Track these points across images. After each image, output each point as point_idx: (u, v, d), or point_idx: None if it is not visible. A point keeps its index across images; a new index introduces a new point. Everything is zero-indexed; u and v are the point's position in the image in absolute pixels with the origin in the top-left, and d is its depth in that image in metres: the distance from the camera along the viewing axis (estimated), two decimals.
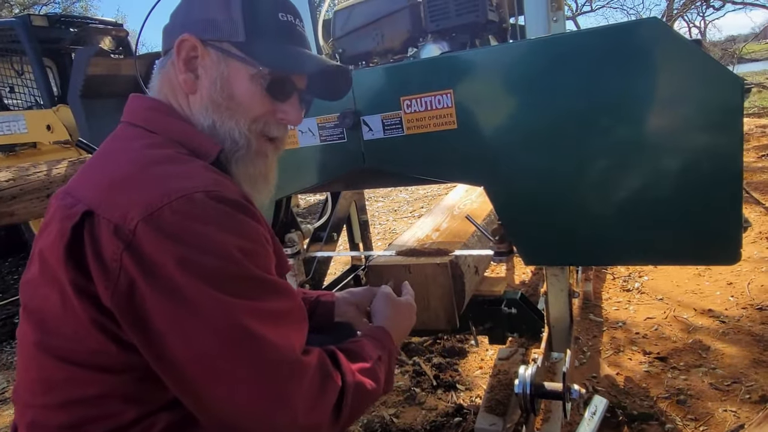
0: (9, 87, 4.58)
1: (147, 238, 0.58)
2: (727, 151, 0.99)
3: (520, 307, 1.58)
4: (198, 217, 0.60)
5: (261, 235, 0.66)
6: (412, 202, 5.41)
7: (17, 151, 4.47)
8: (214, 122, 0.75)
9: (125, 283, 0.59)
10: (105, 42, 4.58)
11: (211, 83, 0.74)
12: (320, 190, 1.78)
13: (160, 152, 0.69)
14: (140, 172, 0.65)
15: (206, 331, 0.60)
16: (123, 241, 0.59)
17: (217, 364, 0.60)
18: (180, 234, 0.59)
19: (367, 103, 1.27)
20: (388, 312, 0.97)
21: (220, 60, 0.74)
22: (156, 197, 0.60)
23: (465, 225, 1.71)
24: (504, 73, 1.13)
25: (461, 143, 1.19)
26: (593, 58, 1.04)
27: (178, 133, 0.74)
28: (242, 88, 0.75)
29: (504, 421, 1.27)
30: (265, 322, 0.63)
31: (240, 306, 0.61)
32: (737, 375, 1.77)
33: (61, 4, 15.93)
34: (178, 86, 0.76)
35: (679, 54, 0.98)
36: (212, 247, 0.60)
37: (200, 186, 0.62)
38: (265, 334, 0.62)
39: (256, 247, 0.65)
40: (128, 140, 0.73)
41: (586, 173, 1.10)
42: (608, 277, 2.75)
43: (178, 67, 0.75)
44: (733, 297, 2.33)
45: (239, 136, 0.76)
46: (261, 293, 0.64)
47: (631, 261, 1.32)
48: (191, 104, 0.76)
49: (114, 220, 0.60)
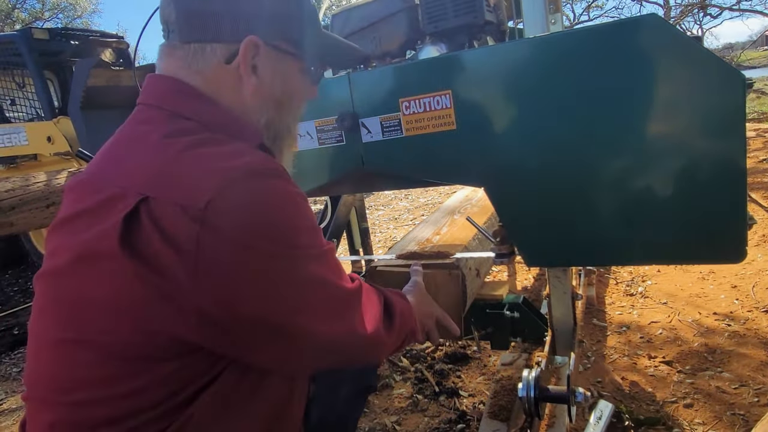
0: (10, 99, 4.60)
1: (221, 216, 0.59)
2: (730, 147, 0.98)
3: (523, 311, 1.56)
4: (257, 191, 0.62)
5: (308, 207, 0.70)
6: (413, 210, 5.40)
7: (18, 163, 4.49)
8: (272, 118, 0.78)
9: (208, 260, 0.59)
10: (106, 54, 4.61)
11: (270, 81, 0.76)
12: (319, 194, 1.77)
13: (198, 137, 0.68)
14: (190, 154, 0.65)
15: (289, 287, 0.65)
16: (196, 221, 0.59)
17: (300, 313, 0.66)
18: (249, 207, 0.61)
19: (366, 105, 1.26)
20: (415, 294, 1.04)
21: (275, 57, 0.76)
22: (219, 174, 0.61)
23: (466, 228, 1.69)
24: (503, 72, 1.12)
25: (461, 144, 1.18)
26: (593, 56, 1.03)
27: (214, 117, 0.72)
28: (296, 83, 0.79)
29: (508, 426, 1.25)
30: (327, 264, 0.71)
31: (310, 259, 0.67)
32: (744, 378, 1.75)
33: (62, 20, 16.08)
34: (233, 84, 0.75)
35: (680, 50, 0.97)
36: (278, 216, 0.64)
37: (256, 161, 0.65)
38: (328, 276, 0.71)
39: (306, 206, 0.69)
40: (156, 123, 0.70)
41: (588, 172, 1.09)
42: (611, 282, 2.72)
43: (242, 69, 0.74)
44: (738, 300, 2.30)
45: (294, 125, 0.82)
46: (317, 241, 0.70)
47: (635, 261, 1.30)
48: (247, 101, 0.76)
49: (180, 202, 0.60)
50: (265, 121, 0.77)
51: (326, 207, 2.14)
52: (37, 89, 4.29)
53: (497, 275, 2.93)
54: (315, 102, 1.33)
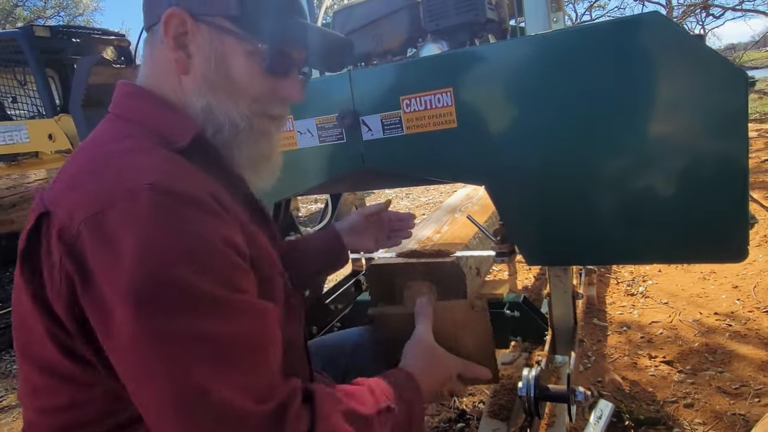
0: (12, 97, 4.60)
1: (86, 243, 0.53)
2: (732, 145, 0.98)
3: (523, 311, 1.55)
4: (139, 218, 0.53)
5: (215, 235, 0.57)
6: (414, 209, 5.39)
7: (19, 161, 4.49)
8: (209, 103, 0.69)
9: (67, 289, 0.55)
10: (107, 52, 4.61)
11: (204, 62, 0.68)
12: (320, 192, 1.77)
13: (121, 144, 0.64)
14: (93, 168, 0.60)
15: (132, 355, 0.53)
16: (65, 244, 0.54)
17: (143, 394, 0.54)
18: (117, 239, 0.53)
19: (366, 103, 1.26)
20: (420, 358, 0.81)
21: (213, 36, 0.68)
22: (101, 196, 0.55)
23: (466, 227, 1.69)
24: (504, 70, 1.11)
25: (462, 142, 1.18)
26: (595, 54, 1.03)
27: (150, 118, 0.68)
28: (239, 66, 0.69)
29: (508, 425, 1.24)
30: (203, 353, 0.53)
31: (172, 334, 0.52)
32: (745, 378, 1.74)
33: (64, 18, 16.10)
34: (168, 66, 0.70)
35: (682, 48, 0.97)
36: (152, 255, 0.52)
37: (147, 179, 0.56)
38: (200, 373, 0.52)
39: (207, 252, 0.56)
40: (101, 132, 0.69)
41: (589, 171, 1.09)
42: (612, 282, 2.72)
43: (167, 45, 0.68)
44: (739, 300, 2.30)
45: (240, 117, 0.70)
46: (202, 314, 0.54)
47: (636, 260, 1.30)
48: (184, 85, 0.70)
49: (60, 222, 0.55)
50: (202, 106, 0.69)
51: (327, 205, 2.14)
52: (38, 87, 4.29)
53: (497, 275, 2.92)
54: (316, 99, 1.33)
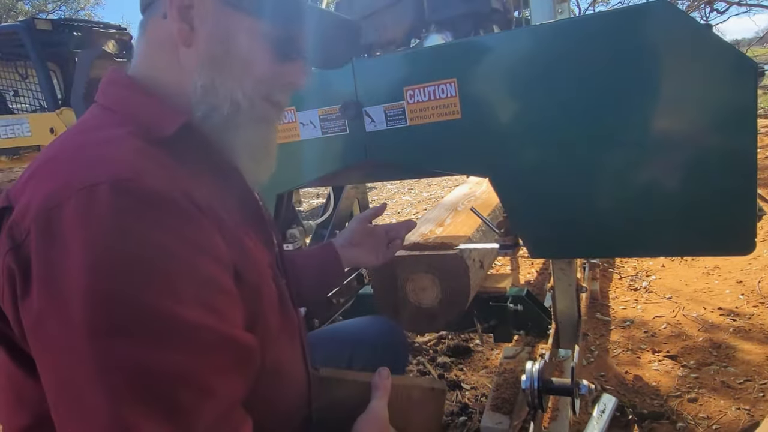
0: (13, 91, 4.61)
1: (33, 242, 0.48)
2: (741, 135, 0.96)
3: (527, 304, 1.55)
4: (92, 218, 0.47)
5: (181, 243, 0.51)
6: (416, 204, 5.38)
7: (21, 155, 4.49)
8: (213, 80, 0.65)
9: (9, 290, 0.50)
10: (108, 45, 4.60)
11: (209, 36, 0.64)
12: (322, 184, 1.75)
13: (92, 135, 0.59)
14: (56, 160, 0.56)
15: (55, 377, 0.48)
16: (13, 241, 0.49)
17: (60, 413, 0.49)
18: (65, 241, 0.47)
19: (370, 94, 1.25)
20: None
21: (219, 11, 0.64)
22: (55, 190, 0.50)
23: (469, 220, 1.68)
24: (509, 60, 1.10)
25: (466, 133, 1.16)
26: (601, 43, 1.02)
27: (131, 107, 0.63)
28: (245, 44, 0.65)
29: (510, 419, 1.24)
30: (137, 386, 0.46)
31: (103, 360, 0.46)
32: (750, 373, 1.73)
33: (66, 12, 16.07)
34: (167, 42, 0.65)
35: (690, 36, 0.95)
36: (98, 264, 0.46)
37: (108, 174, 0.50)
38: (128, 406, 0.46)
39: (165, 264, 0.49)
40: (79, 122, 0.65)
41: (595, 162, 1.08)
42: (615, 276, 2.71)
43: (171, 15, 0.63)
44: (744, 295, 2.29)
45: (242, 97, 0.66)
46: (145, 341, 0.47)
47: (642, 253, 1.28)
48: (183, 60, 0.65)
49: (15, 215, 0.51)
50: (203, 83, 0.65)
51: (329, 199, 2.13)
52: (40, 80, 4.30)
53: (500, 270, 2.91)
54: (318, 90, 1.32)
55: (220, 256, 0.55)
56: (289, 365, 0.76)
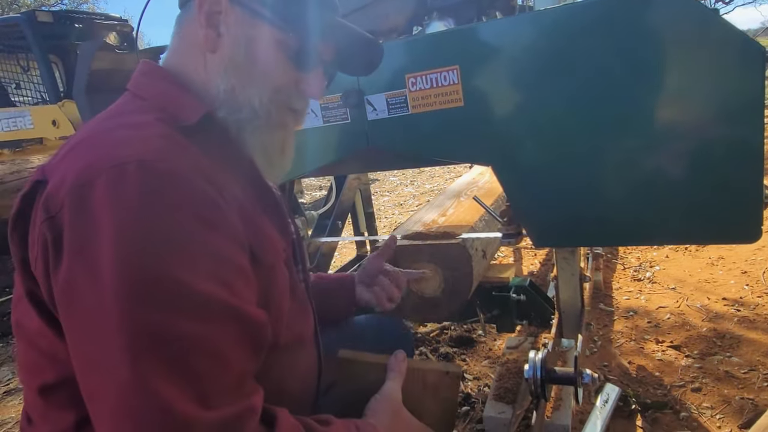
0: (15, 83, 4.59)
1: (66, 214, 0.52)
2: (747, 121, 0.95)
3: (530, 294, 1.54)
4: (120, 195, 0.51)
5: (200, 221, 0.54)
6: (418, 196, 5.37)
7: (24, 147, 4.49)
8: (233, 86, 0.68)
9: (43, 259, 0.54)
10: (110, 37, 4.58)
11: (234, 43, 0.68)
12: (324, 174, 1.75)
13: (123, 119, 0.63)
14: (90, 140, 0.60)
15: (86, 339, 0.51)
16: (48, 213, 0.53)
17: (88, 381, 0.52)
18: (96, 214, 0.51)
19: (371, 81, 1.23)
20: (385, 417, 0.74)
21: (246, 19, 0.68)
22: (88, 167, 0.53)
23: (472, 210, 1.67)
24: (511, 46, 1.09)
25: (468, 121, 1.15)
26: (605, 29, 1.00)
27: (160, 96, 0.67)
28: (267, 53, 0.69)
29: (513, 408, 1.24)
30: (160, 350, 0.50)
31: (131, 325, 0.49)
32: (754, 363, 1.73)
33: (68, 6, 16.03)
34: (196, 43, 0.69)
35: (696, 20, 0.94)
36: (126, 238, 0.50)
37: (137, 155, 0.54)
38: (151, 369, 0.49)
39: (186, 241, 0.53)
40: (112, 108, 0.68)
41: (599, 150, 1.06)
42: (618, 267, 2.70)
43: (198, 21, 0.67)
44: (748, 285, 2.28)
45: (259, 105, 0.69)
46: (169, 309, 0.51)
47: (647, 241, 1.28)
48: (208, 64, 0.69)
49: (50, 189, 0.55)
50: (225, 87, 0.68)
51: (331, 189, 2.12)
52: (41, 73, 4.28)
53: (503, 260, 2.91)
54: None
55: (237, 235, 0.59)
56: (302, 347, 0.79)
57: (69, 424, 0.59)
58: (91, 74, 3.90)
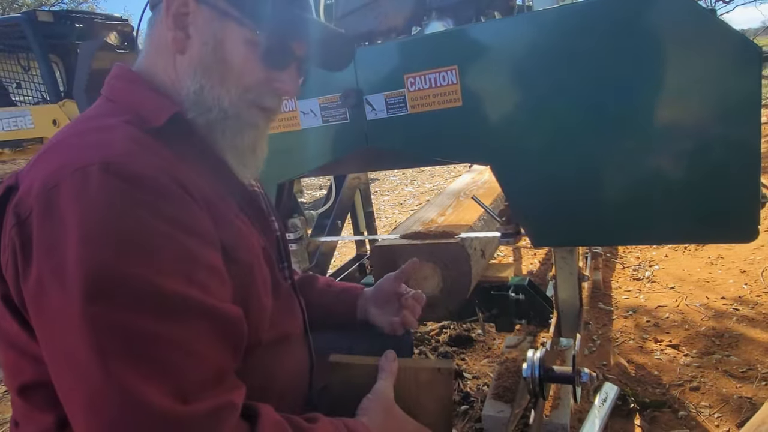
0: (16, 83, 4.60)
1: (36, 217, 0.53)
2: (744, 121, 0.95)
3: (528, 294, 1.54)
4: (85, 196, 0.52)
5: (166, 221, 0.55)
6: (418, 196, 5.38)
7: (24, 147, 4.50)
8: (202, 87, 0.68)
9: (12, 262, 0.55)
10: (110, 37, 4.58)
11: (202, 44, 0.68)
12: (323, 174, 1.75)
13: (93, 123, 0.64)
14: (59, 145, 0.61)
15: (57, 340, 0.52)
16: (18, 218, 0.54)
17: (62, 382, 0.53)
18: (62, 217, 0.52)
19: (370, 82, 1.24)
20: (377, 415, 0.73)
21: (214, 19, 0.67)
22: (55, 171, 0.54)
23: (471, 210, 1.67)
24: (510, 46, 1.09)
25: (467, 121, 1.16)
26: (603, 29, 1.00)
27: (130, 98, 0.68)
28: (236, 52, 0.68)
29: (512, 407, 1.24)
30: (131, 349, 0.50)
31: (102, 325, 0.50)
32: (752, 362, 1.73)
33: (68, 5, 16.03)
34: (166, 45, 0.69)
35: (693, 20, 0.94)
36: (93, 239, 0.51)
37: (101, 157, 0.54)
38: (123, 368, 0.49)
39: (151, 240, 0.54)
40: (84, 113, 0.70)
41: (597, 150, 1.07)
42: (617, 267, 2.70)
43: (166, 24, 0.68)
44: (747, 285, 2.28)
45: (229, 105, 0.69)
46: (137, 307, 0.51)
47: (645, 241, 1.28)
48: (178, 65, 0.69)
49: (20, 194, 0.56)
50: (195, 89, 0.68)
51: (330, 189, 2.13)
52: (42, 72, 4.29)
53: (502, 260, 2.91)
54: (319, 78, 1.32)
55: (205, 233, 0.59)
56: (289, 345, 0.79)
57: (50, 425, 0.59)
58: (92, 74, 3.90)
